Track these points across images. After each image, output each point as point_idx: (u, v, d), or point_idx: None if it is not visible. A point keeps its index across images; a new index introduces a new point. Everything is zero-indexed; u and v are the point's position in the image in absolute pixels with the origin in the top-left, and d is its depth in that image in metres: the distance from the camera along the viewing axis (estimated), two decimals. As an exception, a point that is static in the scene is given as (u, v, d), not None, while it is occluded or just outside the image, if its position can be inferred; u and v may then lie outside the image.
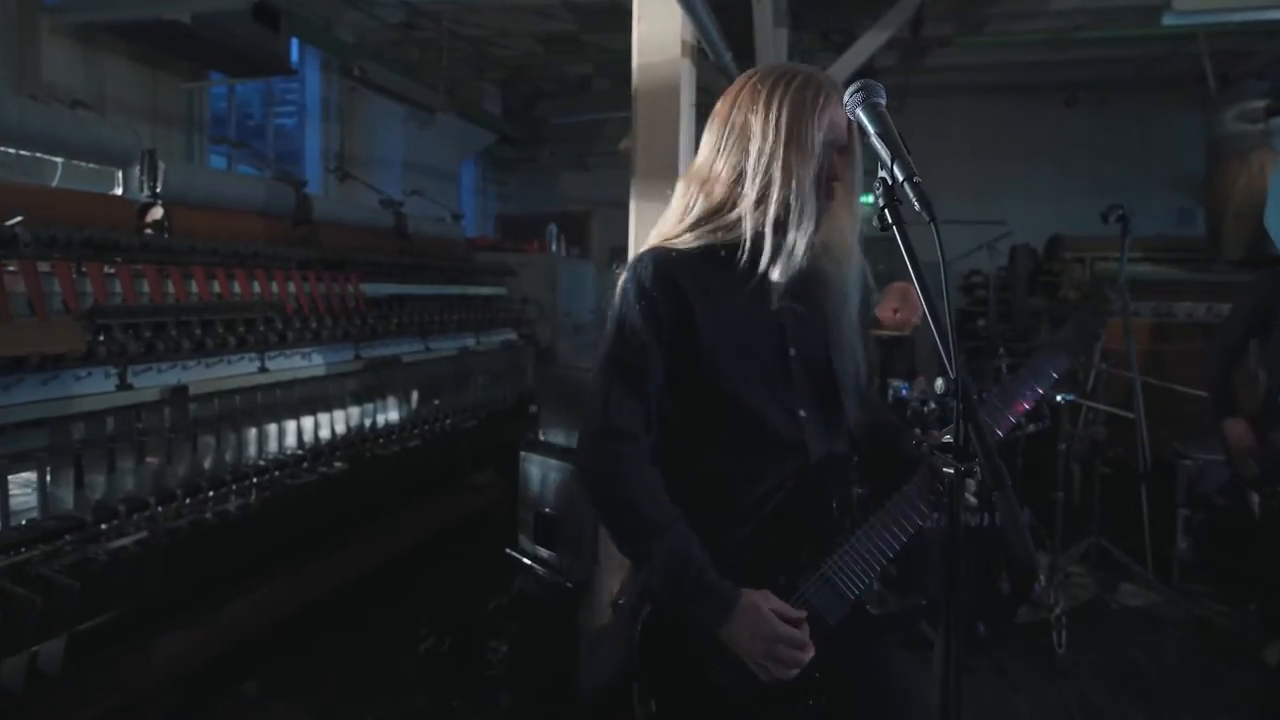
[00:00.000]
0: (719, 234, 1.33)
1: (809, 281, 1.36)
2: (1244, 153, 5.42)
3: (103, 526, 2.30)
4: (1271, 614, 3.05)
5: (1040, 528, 3.42)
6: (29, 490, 2.24)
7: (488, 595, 3.08)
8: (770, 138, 1.28)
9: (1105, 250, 5.47)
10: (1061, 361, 1.45)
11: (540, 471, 2.37)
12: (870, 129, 1.11)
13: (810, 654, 1.21)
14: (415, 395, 3.92)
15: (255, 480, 2.87)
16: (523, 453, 2.48)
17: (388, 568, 3.40)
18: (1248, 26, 5.85)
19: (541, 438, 2.47)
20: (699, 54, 2.99)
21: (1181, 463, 3.82)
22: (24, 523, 2.17)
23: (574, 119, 8.15)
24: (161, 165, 2.91)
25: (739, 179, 1.31)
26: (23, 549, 2.08)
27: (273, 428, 3.05)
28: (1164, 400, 3.94)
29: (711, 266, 1.32)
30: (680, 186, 1.40)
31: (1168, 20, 3.88)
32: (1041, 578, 3.33)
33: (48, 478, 2.23)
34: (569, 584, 2.27)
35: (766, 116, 1.29)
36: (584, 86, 8.34)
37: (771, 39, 5.64)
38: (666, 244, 1.36)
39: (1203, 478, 3.71)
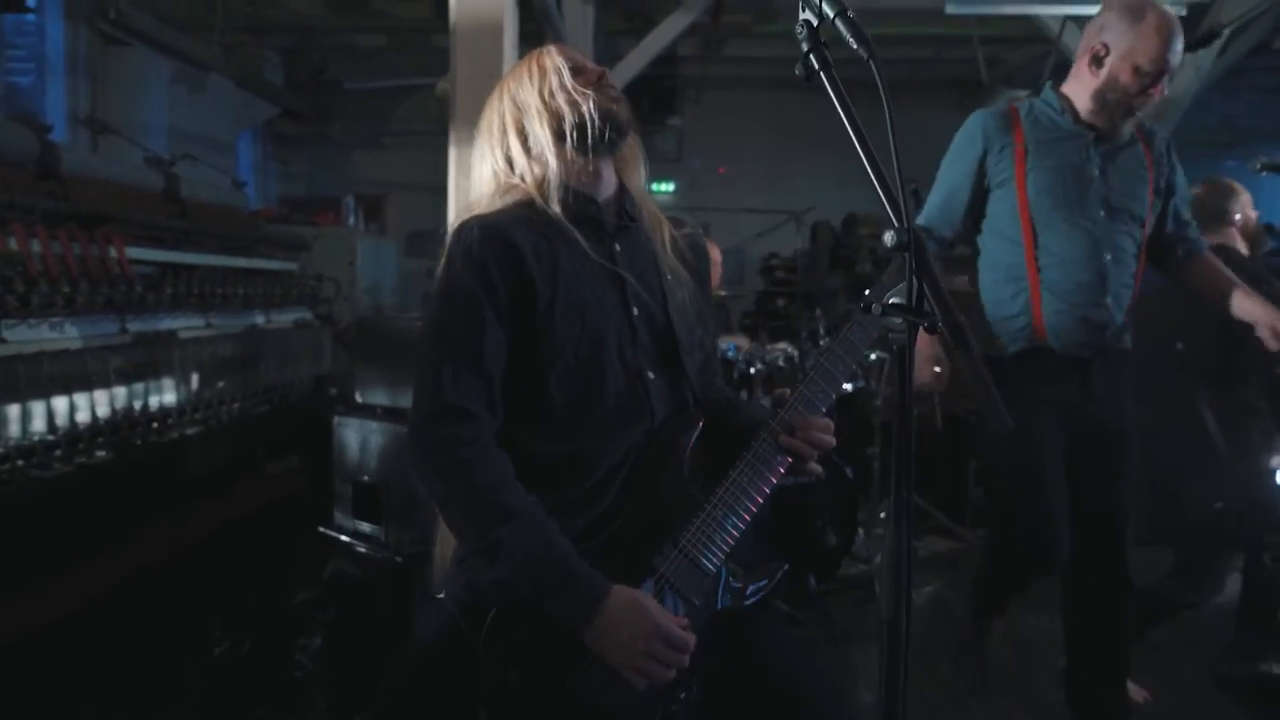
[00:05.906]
0: (526, 209, 1.28)
1: (634, 242, 1.33)
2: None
3: None
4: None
5: (859, 485, 3.55)
6: None
7: (293, 590, 2.74)
8: (510, 116, 1.31)
9: (896, 228, 5.86)
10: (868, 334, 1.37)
11: (359, 436, 2.10)
12: None
13: (688, 654, 1.10)
14: (196, 376, 3.46)
15: (-8, 471, 2.39)
16: (337, 418, 2.20)
17: (170, 568, 2.96)
18: (1005, 35, 6.51)
19: (359, 400, 2.20)
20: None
21: (970, 418, 4.13)
22: None
23: (369, 85, 7.66)
24: None
25: (510, 164, 1.31)
26: None
27: (14, 409, 2.54)
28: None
29: (537, 230, 1.24)
30: (474, 172, 1.37)
31: (949, 9, 4.18)
32: (861, 531, 3.47)
33: None
34: (399, 558, 2.02)
35: (502, 101, 1.33)
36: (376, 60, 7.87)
37: (580, 13, 5.58)
38: (485, 212, 1.27)
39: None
